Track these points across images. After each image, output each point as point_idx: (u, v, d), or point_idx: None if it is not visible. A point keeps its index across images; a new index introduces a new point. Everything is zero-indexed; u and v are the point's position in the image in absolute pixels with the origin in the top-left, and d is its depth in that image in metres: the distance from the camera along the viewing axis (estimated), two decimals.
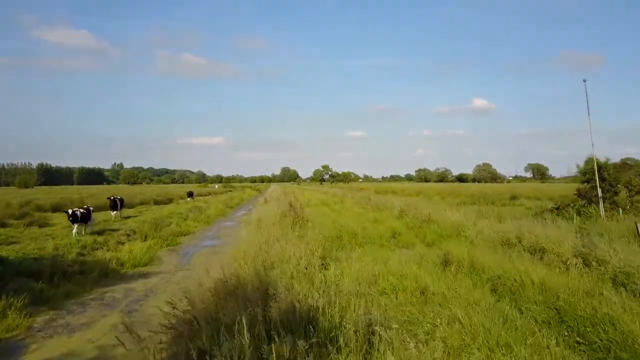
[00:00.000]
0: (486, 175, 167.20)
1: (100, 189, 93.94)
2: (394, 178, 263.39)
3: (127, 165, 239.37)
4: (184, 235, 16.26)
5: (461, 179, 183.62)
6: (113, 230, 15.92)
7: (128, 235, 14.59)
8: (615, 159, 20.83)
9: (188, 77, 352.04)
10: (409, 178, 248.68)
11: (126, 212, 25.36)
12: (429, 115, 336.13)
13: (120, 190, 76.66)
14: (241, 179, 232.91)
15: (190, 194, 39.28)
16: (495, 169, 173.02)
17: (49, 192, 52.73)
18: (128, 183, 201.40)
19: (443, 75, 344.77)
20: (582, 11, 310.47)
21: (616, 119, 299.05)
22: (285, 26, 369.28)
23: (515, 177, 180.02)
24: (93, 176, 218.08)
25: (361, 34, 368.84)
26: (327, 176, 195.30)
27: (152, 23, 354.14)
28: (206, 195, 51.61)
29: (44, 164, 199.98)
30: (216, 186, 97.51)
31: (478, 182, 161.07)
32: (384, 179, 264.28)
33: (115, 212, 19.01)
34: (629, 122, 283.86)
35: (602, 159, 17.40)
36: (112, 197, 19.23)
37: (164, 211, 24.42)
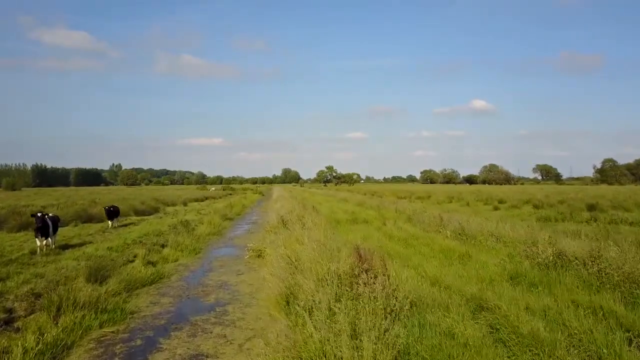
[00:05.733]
0: (498, 176, 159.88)
1: (94, 190, 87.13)
2: (396, 179, 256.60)
3: (128, 166, 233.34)
4: (149, 285, 9.46)
5: (470, 180, 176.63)
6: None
7: (36, 297, 7.82)
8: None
9: (188, 78, 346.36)
10: (411, 179, 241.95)
11: (92, 227, 18.59)
12: (429, 116, 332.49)
13: (112, 192, 69.76)
14: (242, 180, 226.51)
15: (113, 213, 18.82)
16: (507, 170, 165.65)
17: (22, 197, 46.04)
18: (126, 184, 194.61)
19: (443, 76, 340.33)
20: (582, 12, 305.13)
21: (615, 120, 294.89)
22: (285, 27, 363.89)
23: (520, 178, 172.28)
24: (90, 177, 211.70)
25: (361, 35, 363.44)
26: (329, 177, 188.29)
27: (152, 23, 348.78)
28: (202, 200, 44.83)
29: (39, 164, 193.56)
30: (212, 188, 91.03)
31: (489, 183, 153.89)
32: (385, 180, 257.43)
33: (45, 239, 12.01)
34: (627, 123, 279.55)
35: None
36: (39, 214, 12.20)
37: (136, 231, 17.59)
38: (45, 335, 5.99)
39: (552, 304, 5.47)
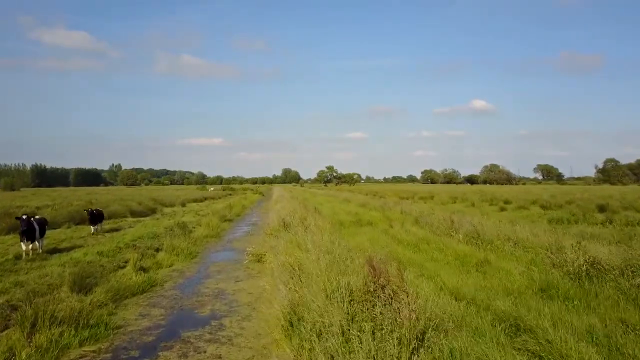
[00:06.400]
0: (499, 176, 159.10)
1: (93, 191, 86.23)
2: (396, 179, 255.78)
3: (127, 166, 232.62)
4: (139, 294, 8.71)
5: (471, 180, 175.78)
6: None
7: (12, 310, 7.08)
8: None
9: (188, 78, 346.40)
10: (411, 179, 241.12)
11: (85, 230, 17.83)
12: (429, 116, 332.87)
13: (111, 192, 68.93)
14: (242, 180, 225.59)
15: (97, 216, 16.87)
16: (509, 170, 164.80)
17: (18, 197, 45.31)
18: (126, 184, 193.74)
19: (443, 76, 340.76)
20: (582, 12, 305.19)
21: (615, 120, 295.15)
22: (285, 27, 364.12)
23: (522, 178, 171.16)
24: (90, 177, 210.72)
25: (361, 35, 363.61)
26: (330, 177, 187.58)
27: (152, 23, 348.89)
28: (201, 201, 44.10)
29: (39, 164, 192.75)
30: (212, 188, 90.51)
31: (490, 183, 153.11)
32: (385, 180, 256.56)
33: (31, 243, 11.35)
34: (627, 123, 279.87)
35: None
36: (24, 217, 11.47)
37: (130, 233, 16.83)
38: (14, 358, 5.26)
39: (596, 324, 4.73)
